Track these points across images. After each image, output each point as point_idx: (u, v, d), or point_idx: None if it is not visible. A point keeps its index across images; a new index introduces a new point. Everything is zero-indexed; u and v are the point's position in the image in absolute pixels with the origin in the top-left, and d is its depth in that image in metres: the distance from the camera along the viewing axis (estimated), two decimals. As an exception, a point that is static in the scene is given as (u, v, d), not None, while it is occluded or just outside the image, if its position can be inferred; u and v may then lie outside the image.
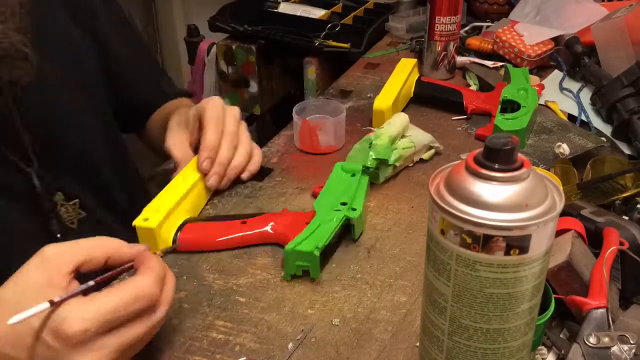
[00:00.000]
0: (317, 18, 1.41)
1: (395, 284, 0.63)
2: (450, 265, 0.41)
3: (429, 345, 0.46)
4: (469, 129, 0.95)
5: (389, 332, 0.57)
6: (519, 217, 0.38)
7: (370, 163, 0.77)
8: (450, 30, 1.08)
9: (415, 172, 0.84)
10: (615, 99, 0.93)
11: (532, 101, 0.91)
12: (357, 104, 1.03)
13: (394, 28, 1.37)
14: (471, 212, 0.38)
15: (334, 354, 0.55)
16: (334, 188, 0.73)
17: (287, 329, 0.58)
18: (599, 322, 0.52)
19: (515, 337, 0.43)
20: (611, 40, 1.04)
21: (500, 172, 0.38)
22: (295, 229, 0.66)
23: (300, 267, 0.63)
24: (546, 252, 0.40)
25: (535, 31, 1.15)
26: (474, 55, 1.19)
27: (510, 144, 0.38)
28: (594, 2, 1.20)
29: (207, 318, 0.59)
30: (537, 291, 0.42)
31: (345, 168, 0.76)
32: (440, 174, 0.43)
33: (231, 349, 0.56)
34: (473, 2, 1.40)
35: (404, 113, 0.87)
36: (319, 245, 0.62)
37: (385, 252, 0.68)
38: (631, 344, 0.49)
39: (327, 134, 0.87)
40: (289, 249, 0.63)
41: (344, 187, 0.73)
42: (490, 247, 0.38)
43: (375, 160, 0.77)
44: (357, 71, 1.18)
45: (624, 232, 0.60)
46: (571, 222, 0.62)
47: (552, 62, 1.15)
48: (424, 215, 0.74)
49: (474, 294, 0.41)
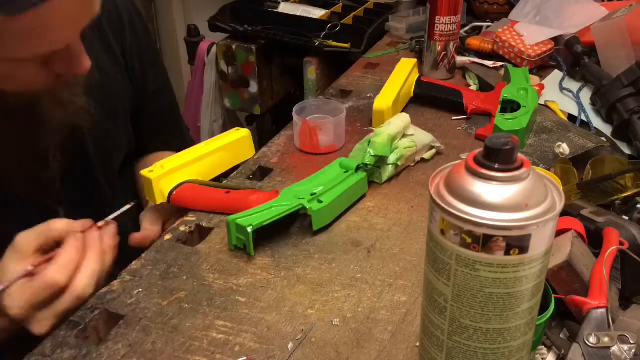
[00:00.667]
0: (317, 18, 1.41)
1: (395, 284, 0.63)
2: (450, 265, 0.41)
3: (429, 345, 0.46)
4: (469, 129, 0.95)
5: (389, 332, 0.57)
6: (519, 217, 0.38)
7: (368, 160, 0.77)
8: (450, 30, 1.08)
9: (415, 172, 0.84)
10: (615, 99, 0.93)
11: (532, 101, 0.91)
12: (357, 104, 1.03)
13: (394, 28, 1.37)
14: (471, 212, 0.38)
15: (334, 354, 0.55)
16: (316, 179, 0.75)
17: (287, 329, 0.58)
18: (599, 322, 0.52)
19: (515, 337, 0.43)
20: (611, 40, 1.04)
21: (500, 172, 0.38)
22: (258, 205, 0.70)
23: (241, 241, 0.67)
24: (546, 252, 0.40)
25: (535, 31, 1.15)
26: (474, 55, 1.19)
27: (510, 144, 0.38)
28: (594, 2, 1.20)
29: (207, 318, 0.59)
30: (537, 291, 0.42)
31: (343, 164, 0.77)
32: (440, 174, 0.43)
33: (231, 349, 0.56)
34: (473, 2, 1.40)
35: (405, 113, 0.87)
36: (253, 223, 0.66)
37: (385, 252, 0.68)
38: (631, 344, 0.49)
39: (327, 134, 0.87)
40: (229, 220, 0.67)
41: (327, 181, 0.75)
42: (490, 247, 0.38)
43: (374, 158, 0.77)
44: (357, 71, 1.18)
45: (624, 232, 0.60)
46: (571, 222, 0.62)
47: (552, 62, 1.15)
48: (424, 215, 0.74)
49: (474, 294, 0.41)
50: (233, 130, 0.85)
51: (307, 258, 0.67)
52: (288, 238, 0.71)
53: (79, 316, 0.59)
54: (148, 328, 0.58)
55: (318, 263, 0.66)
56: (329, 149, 0.88)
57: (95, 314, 0.59)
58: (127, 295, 0.62)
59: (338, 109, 0.90)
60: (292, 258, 0.67)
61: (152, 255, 0.68)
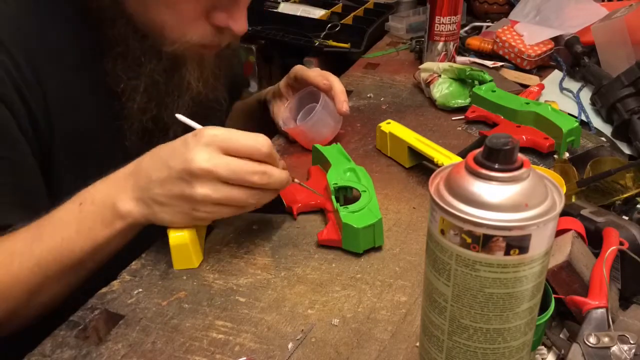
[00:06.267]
0: (317, 18, 1.42)
1: (395, 284, 0.63)
2: (450, 265, 0.41)
3: (429, 345, 0.46)
4: (468, 129, 0.95)
5: (389, 332, 0.57)
6: (519, 217, 0.38)
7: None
8: (450, 30, 1.08)
9: (415, 172, 0.84)
10: (615, 99, 0.93)
11: (367, 181, 0.73)
12: (357, 104, 1.03)
13: (394, 28, 1.37)
14: (471, 212, 0.38)
15: (334, 354, 0.55)
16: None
17: (287, 329, 0.58)
18: (599, 322, 0.52)
19: (515, 337, 0.43)
20: (611, 40, 1.04)
21: (500, 172, 0.38)
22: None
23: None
24: (546, 252, 0.40)
25: (535, 31, 1.15)
26: (474, 55, 1.19)
27: (510, 143, 0.38)
28: (594, 2, 1.21)
29: (207, 318, 0.59)
30: (537, 291, 0.42)
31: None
32: (440, 174, 0.43)
33: (231, 349, 0.56)
34: (473, 2, 1.40)
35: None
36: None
37: (385, 252, 0.68)
38: (631, 344, 0.49)
39: (319, 127, 0.87)
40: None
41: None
42: (490, 247, 0.38)
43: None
44: (357, 71, 1.18)
45: (624, 232, 0.60)
46: (571, 222, 0.62)
47: (552, 62, 1.16)
48: (424, 215, 0.74)
49: (474, 294, 0.41)
50: None
51: (307, 258, 0.67)
52: (288, 238, 0.71)
53: (79, 316, 0.59)
54: (148, 328, 0.58)
55: (318, 263, 0.66)
56: (331, 136, 0.89)
57: (95, 314, 0.59)
58: (127, 295, 0.62)
59: (315, 95, 0.90)
60: (292, 258, 0.67)
61: (152, 255, 0.68)
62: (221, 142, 0.60)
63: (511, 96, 0.94)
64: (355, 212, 0.67)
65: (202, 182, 0.60)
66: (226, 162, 0.60)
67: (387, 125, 0.86)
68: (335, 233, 0.68)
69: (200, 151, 0.59)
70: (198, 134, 0.61)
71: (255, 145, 0.61)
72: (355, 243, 0.66)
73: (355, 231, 0.65)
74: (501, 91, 0.95)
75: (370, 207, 0.68)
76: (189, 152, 0.59)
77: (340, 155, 0.79)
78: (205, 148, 0.59)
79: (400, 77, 1.15)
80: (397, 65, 1.22)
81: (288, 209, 0.73)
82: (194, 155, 0.59)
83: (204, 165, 0.59)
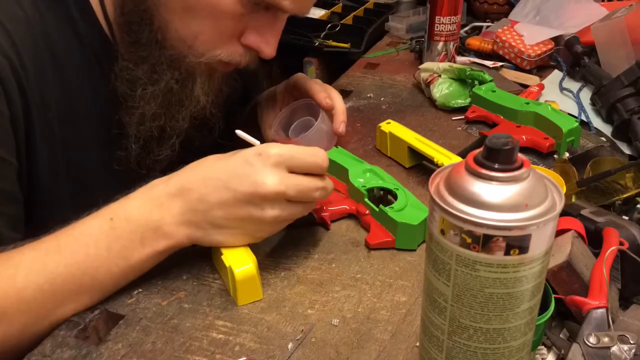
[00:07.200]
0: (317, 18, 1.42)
1: (395, 284, 0.63)
2: (450, 265, 0.41)
3: (429, 345, 0.46)
4: (468, 129, 0.95)
5: (388, 332, 0.57)
6: (519, 217, 0.38)
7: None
8: (450, 30, 1.08)
9: (415, 172, 0.84)
10: (615, 99, 0.93)
11: (389, 178, 0.74)
12: (357, 104, 1.04)
13: (394, 28, 1.37)
14: (471, 212, 0.38)
15: (333, 354, 0.55)
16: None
17: (287, 329, 0.58)
18: (599, 322, 0.52)
19: (515, 337, 0.43)
20: (611, 40, 1.04)
21: (500, 172, 0.38)
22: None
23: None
24: (546, 252, 0.40)
25: (535, 31, 1.15)
26: (474, 55, 1.19)
27: (510, 143, 0.38)
28: (594, 2, 1.21)
29: (207, 318, 0.59)
30: (537, 291, 0.42)
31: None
32: (440, 174, 0.43)
33: (231, 349, 0.56)
34: (473, 2, 1.40)
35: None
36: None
37: (385, 252, 0.68)
38: (631, 344, 0.49)
39: (314, 144, 0.75)
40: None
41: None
42: (490, 247, 0.38)
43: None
44: (357, 71, 1.18)
45: (624, 232, 0.60)
46: (571, 222, 0.62)
47: (552, 62, 1.16)
48: (424, 215, 0.74)
49: (474, 294, 0.41)
50: None
51: (307, 258, 0.67)
52: (288, 238, 0.71)
53: (79, 316, 0.59)
54: (148, 328, 0.58)
55: (318, 263, 0.66)
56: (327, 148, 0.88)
57: (95, 314, 0.59)
58: (127, 295, 0.62)
59: (312, 108, 0.85)
60: (292, 258, 0.67)
61: (152, 255, 0.68)
62: (287, 162, 0.60)
63: (511, 96, 0.94)
64: (402, 210, 0.67)
65: (272, 204, 0.59)
66: (295, 182, 0.60)
67: (387, 125, 0.86)
68: (385, 234, 0.68)
69: (269, 174, 0.58)
70: (263, 154, 0.59)
71: (316, 161, 0.62)
72: (412, 240, 0.67)
73: (412, 228, 0.66)
74: (501, 91, 0.95)
75: (412, 203, 0.69)
76: (257, 174, 0.58)
77: (350, 158, 0.78)
78: (274, 169, 0.59)
79: (400, 77, 1.15)
80: (397, 65, 1.22)
81: (319, 219, 0.72)
82: (264, 179, 0.58)
83: (278, 189, 0.58)
